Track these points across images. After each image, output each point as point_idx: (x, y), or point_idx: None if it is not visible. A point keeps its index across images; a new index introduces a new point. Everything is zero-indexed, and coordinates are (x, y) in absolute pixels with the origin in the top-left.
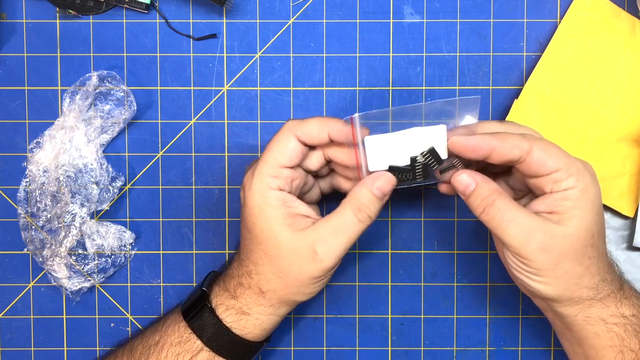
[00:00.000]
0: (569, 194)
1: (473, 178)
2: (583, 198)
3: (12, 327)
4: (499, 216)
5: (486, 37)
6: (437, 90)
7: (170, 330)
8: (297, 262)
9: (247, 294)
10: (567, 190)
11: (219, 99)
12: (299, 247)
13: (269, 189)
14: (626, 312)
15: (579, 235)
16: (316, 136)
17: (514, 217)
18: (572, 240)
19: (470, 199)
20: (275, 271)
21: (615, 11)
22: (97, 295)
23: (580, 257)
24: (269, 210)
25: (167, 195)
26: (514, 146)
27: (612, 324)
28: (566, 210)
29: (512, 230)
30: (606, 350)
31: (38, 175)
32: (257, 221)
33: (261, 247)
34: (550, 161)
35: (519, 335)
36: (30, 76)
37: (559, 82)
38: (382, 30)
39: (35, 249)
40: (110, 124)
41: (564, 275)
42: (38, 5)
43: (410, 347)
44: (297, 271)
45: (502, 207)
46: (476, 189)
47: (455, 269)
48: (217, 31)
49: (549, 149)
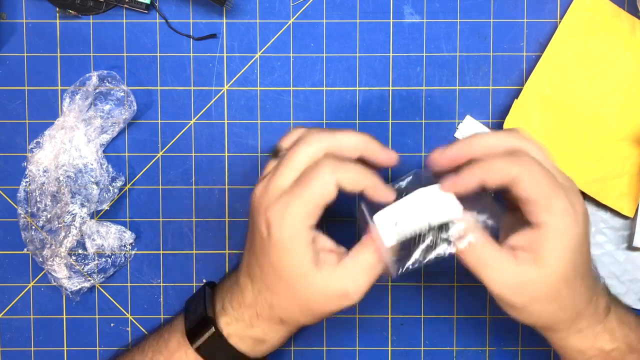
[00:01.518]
0: (545, 230)
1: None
2: (559, 238)
3: (12, 327)
4: (482, 263)
5: (486, 37)
6: (437, 90)
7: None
8: (326, 301)
9: (266, 323)
10: (547, 226)
11: (219, 99)
12: (330, 289)
13: (302, 227)
14: (606, 347)
15: (553, 278)
16: (355, 185)
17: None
18: (545, 283)
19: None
20: (302, 309)
21: (615, 11)
22: (97, 295)
23: (554, 297)
24: (299, 249)
25: (167, 195)
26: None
27: (591, 355)
28: (540, 247)
29: (488, 273)
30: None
31: (38, 175)
32: (284, 257)
33: (286, 284)
34: (532, 191)
35: (519, 335)
36: (30, 76)
37: (559, 82)
38: (382, 30)
39: (35, 249)
40: (110, 124)
41: (538, 313)
42: (38, 5)
43: (410, 347)
44: (323, 307)
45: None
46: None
47: (455, 269)
48: (217, 31)
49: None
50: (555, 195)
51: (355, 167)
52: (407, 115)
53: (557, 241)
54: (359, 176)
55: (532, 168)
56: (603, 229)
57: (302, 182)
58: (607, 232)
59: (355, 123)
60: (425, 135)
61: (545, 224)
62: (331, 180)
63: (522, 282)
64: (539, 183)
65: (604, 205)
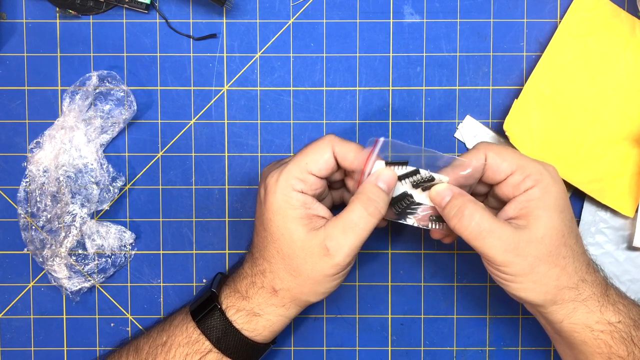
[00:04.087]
0: (530, 194)
1: (450, 190)
2: (545, 197)
3: (12, 327)
4: (475, 227)
5: (486, 37)
6: (437, 91)
7: (178, 330)
8: (310, 259)
9: (260, 293)
10: (527, 191)
11: (219, 99)
12: (311, 245)
13: (292, 189)
14: (612, 319)
15: (550, 236)
16: (350, 160)
17: (489, 227)
18: (545, 242)
19: (446, 210)
20: (289, 269)
21: (615, 11)
22: (97, 295)
23: (555, 258)
24: (288, 209)
25: (167, 195)
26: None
27: (599, 331)
28: (531, 211)
29: (489, 240)
30: (595, 356)
31: (38, 175)
32: (274, 218)
33: (275, 245)
34: (503, 164)
35: (519, 335)
36: (30, 76)
37: (559, 82)
38: (382, 30)
39: (35, 249)
40: (110, 124)
41: (541, 279)
42: (38, 5)
43: (410, 347)
44: (310, 269)
45: (477, 217)
46: (452, 200)
47: (455, 269)
48: (217, 31)
49: (502, 153)
50: (524, 161)
51: (354, 144)
52: (407, 115)
53: (543, 201)
54: (356, 153)
55: (494, 147)
56: (603, 229)
57: (301, 151)
58: (607, 232)
59: (355, 123)
60: (425, 135)
61: (528, 190)
62: (327, 149)
63: (523, 245)
64: (506, 155)
65: (604, 205)
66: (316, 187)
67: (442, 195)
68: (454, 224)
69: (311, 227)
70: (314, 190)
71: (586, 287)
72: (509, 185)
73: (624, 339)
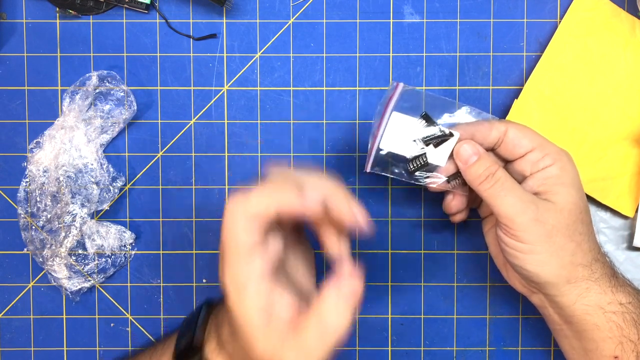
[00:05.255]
0: (549, 171)
1: (476, 148)
2: (563, 175)
3: (12, 327)
4: (498, 186)
5: (486, 37)
6: (437, 91)
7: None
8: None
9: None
10: (545, 168)
11: (219, 99)
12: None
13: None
14: (623, 300)
15: (569, 210)
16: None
17: (511, 187)
18: (564, 214)
19: (472, 169)
20: None
21: (615, 11)
22: (97, 295)
23: (572, 232)
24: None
25: (167, 195)
26: (490, 128)
27: (611, 312)
28: (550, 187)
29: (509, 200)
30: (606, 342)
31: (38, 175)
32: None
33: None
34: (524, 140)
35: (519, 335)
36: (30, 76)
37: (559, 82)
38: (382, 30)
39: (35, 249)
40: (110, 124)
41: (557, 252)
42: (38, 5)
43: (410, 347)
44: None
45: (502, 177)
46: (479, 159)
47: (455, 269)
48: (217, 31)
49: (523, 130)
50: (544, 140)
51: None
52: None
53: (561, 178)
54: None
55: (516, 124)
56: (603, 229)
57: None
58: (607, 232)
59: (355, 123)
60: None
61: (547, 167)
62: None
63: (542, 211)
64: (527, 132)
65: (604, 205)
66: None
67: (470, 154)
68: (478, 183)
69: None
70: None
71: (599, 266)
72: (527, 162)
73: (634, 320)
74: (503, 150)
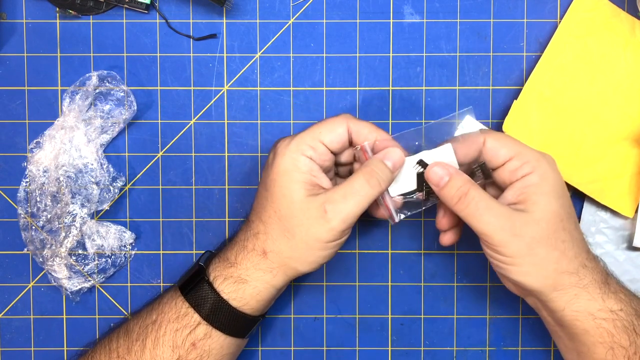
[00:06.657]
0: (528, 179)
1: (447, 170)
2: (542, 184)
3: (12, 327)
4: (473, 205)
5: (486, 37)
6: (437, 91)
7: (167, 307)
8: (306, 222)
9: (249, 257)
10: (524, 177)
11: (219, 99)
12: (310, 207)
13: (302, 154)
14: (614, 307)
15: (548, 220)
16: (364, 136)
17: (487, 205)
18: (542, 225)
19: (445, 190)
20: (283, 230)
21: (615, 11)
22: (97, 295)
23: (554, 241)
24: (294, 171)
25: (167, 195)
26: (471, 142)
27: (601, 319)
28: (529, 196)
29: (485, 218)
30: (596, 346)
31: (38, 175)
32: (278, 179)
33: (274, 205)
34: (502, 150)
35: (519, 335)
36: (30, 76)
37: (559, 82)
38: (382, 30)
39: (35, 249)
40: (110, 124)
41: (540, 262)
42: (38, 5)
43: (410, 347)
44: (304, 232)
45: (476, 196)
46: (450, 180)
47: (455, 269)
48: (217, 31)
49: (501, 139)
50: (523, 148)
51: (368, 123)
52: (407, 115)
53: (540, 187)
54: (370, 129)
55: (495, 133)
56: (603, 229)
57: (316, 124)
58: (607, 232)
59: None
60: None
61: (526, 176)
62: (342, 124)
63: (519, 225)
64: (505, 141)
65: (604, 205)
66: (325, 159)
67: (440, 176)
68: (453, 204)
69: (312, 193)
70: (323, 161)
71: (587, 273)
72: (506, 171)
73: (626, 327)
74: (487, 161)
